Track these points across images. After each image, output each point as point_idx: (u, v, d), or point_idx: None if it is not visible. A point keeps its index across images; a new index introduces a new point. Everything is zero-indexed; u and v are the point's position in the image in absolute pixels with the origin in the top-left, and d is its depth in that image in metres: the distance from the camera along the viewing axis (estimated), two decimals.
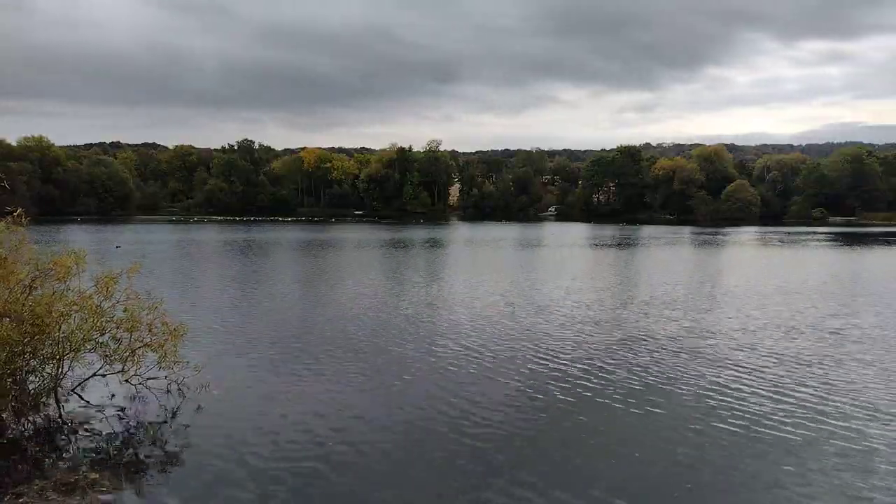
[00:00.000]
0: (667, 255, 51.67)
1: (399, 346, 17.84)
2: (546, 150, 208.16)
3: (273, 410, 12.46)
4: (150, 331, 12.52)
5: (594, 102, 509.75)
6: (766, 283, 32.57)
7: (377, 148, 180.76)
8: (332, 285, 30.53)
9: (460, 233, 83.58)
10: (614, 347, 18.02)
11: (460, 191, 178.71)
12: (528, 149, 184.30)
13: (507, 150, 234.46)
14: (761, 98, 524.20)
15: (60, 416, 11.94)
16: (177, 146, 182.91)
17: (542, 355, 16.97)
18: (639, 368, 15.75)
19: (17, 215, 12.39)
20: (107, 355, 12.33)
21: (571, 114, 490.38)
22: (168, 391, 12.89)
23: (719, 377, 15.05)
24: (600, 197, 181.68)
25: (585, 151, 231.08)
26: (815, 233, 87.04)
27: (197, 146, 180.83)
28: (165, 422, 11.79)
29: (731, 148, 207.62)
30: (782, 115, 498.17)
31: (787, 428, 11.74)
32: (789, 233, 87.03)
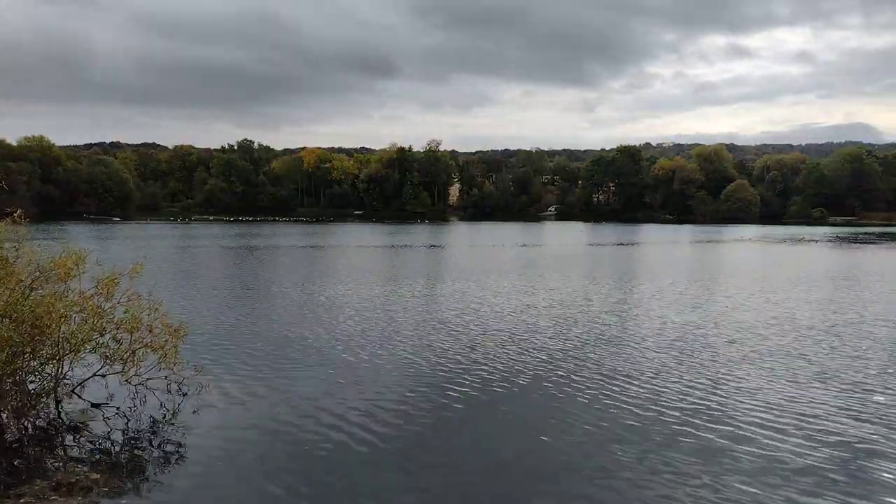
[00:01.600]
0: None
1: (401, 346, 17.85)
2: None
3: (273, 410, 12.47)
4: (150, 331, 12.52)
5: (534, 101, 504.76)
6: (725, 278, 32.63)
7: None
8: (332, 285, 30.53)
9: (480, 237, 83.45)
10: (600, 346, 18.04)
11: (460, 191, 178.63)
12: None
13: (507, 149, 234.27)
14: (695, 97, 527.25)
15: (60, 416, 11.95)
16: (176, 146, 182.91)
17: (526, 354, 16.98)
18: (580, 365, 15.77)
19: (18, 215, 12.39)
20: (107, 356, 12.33)
21: (521, 112, 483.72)
22: (168, 391, 12.90)
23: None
24: (600, 197, 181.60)
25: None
26: (787, 237, 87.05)
27: (197, 146, 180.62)
28: (165, 422, 11.80)
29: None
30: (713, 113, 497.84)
31: (711, 424, 11.75)
32: (764, 236, 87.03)
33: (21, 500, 8.62)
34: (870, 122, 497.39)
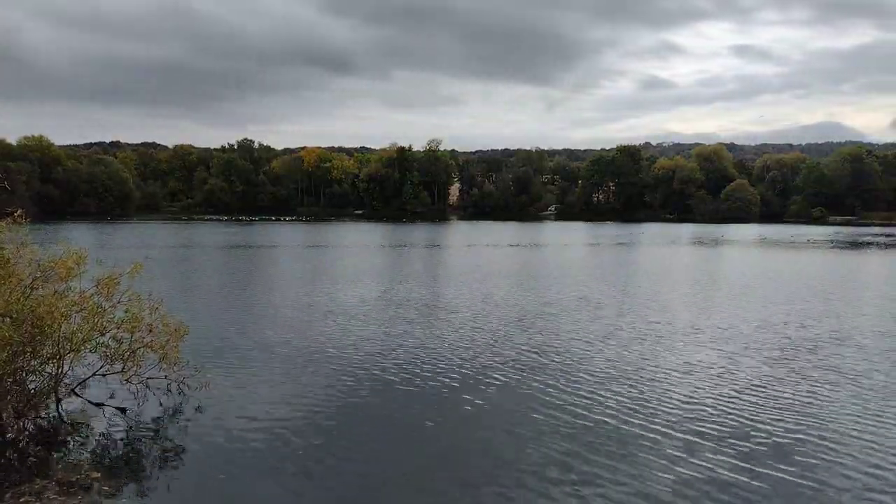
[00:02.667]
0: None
1: (402, 346, 17.85)
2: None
3: (273, 410, 12.48)
4: (150, 331, 12.52)
5: (496, 98, 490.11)
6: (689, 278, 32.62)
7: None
8: (331, 284, 30.53)
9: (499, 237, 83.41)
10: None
11: (460, 190, 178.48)
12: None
13: (507, 149, 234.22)
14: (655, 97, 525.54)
15: (60, 416, 11.96)
16: (176, 146, 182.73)
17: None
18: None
19: (18, 215, 12.39)
20: (107, 355, 12.32)
21: (486, 110, 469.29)
22: (168, 391, 12.90)
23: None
24: (600, 196, 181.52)
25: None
26: (794, 237, 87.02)
27: (197, 146, 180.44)
28: (165, 422, 11.81)
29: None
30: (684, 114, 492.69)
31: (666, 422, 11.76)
32: (766, 237, 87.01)
33: (21, 499, 8.63)
34: (846, 121, 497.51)
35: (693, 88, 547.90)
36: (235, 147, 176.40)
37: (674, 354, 17.28)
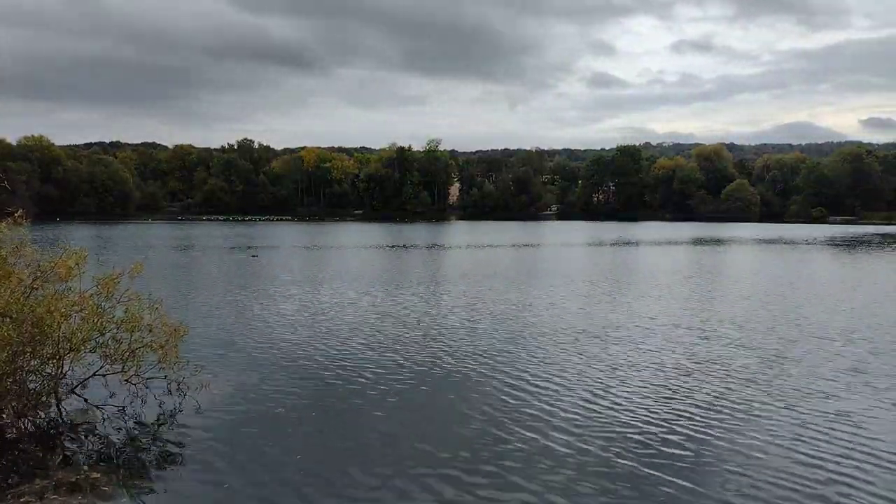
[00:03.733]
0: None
1: (405, 346, 17.86)
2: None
3: (273, 410, 12.48)
4: (150, 331, 12.52)
5: (453, 96, 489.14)
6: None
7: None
8: (331, 284, 30.56)
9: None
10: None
11: (460, 190, 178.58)
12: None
13: (506, 149, 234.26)
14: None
15: (60, 416, 11.96)
16: (176, 146, 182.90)
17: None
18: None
19: (18, 215, 12.40)
20: (107, 355, 12.32)
21: (450, 108, 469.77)
22: (168, 391, 12.90)
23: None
24: (600, 196, 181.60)
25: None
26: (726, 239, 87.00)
27: (196, 146, 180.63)
28: (165, 422, 11.80)
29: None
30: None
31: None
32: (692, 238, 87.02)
33: (21, 500, 8.63)
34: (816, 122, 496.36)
35: (648, 87, 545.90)
36: (235, 147, 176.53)
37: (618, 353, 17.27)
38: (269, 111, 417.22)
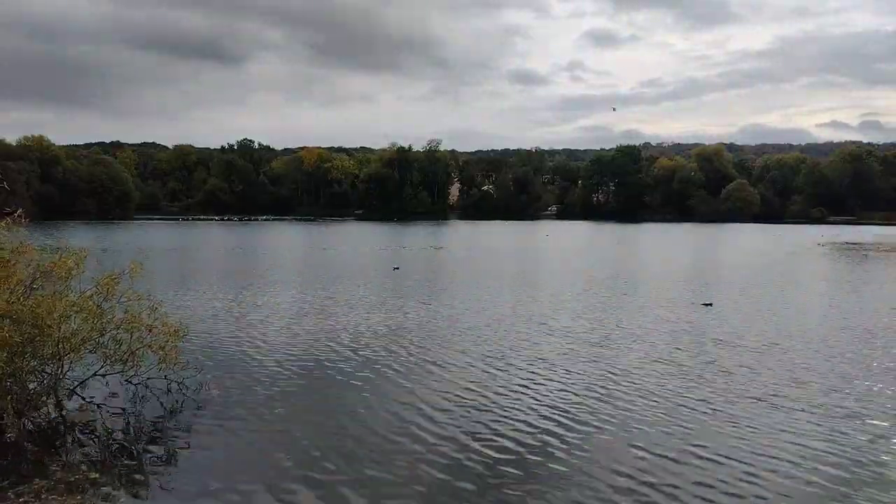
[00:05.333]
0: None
1: (401, 344, 17.86)
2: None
3: (273, 410, 12.48)
4: (150, 331, 12.52)
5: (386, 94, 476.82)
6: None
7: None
8: (332, 284, 30.56)
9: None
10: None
11: (460, 190, 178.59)
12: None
13: (506, 149, 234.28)
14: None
15: (60, 416, 11.97)
16: (176, 146, 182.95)
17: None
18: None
19: (18, 215, 12.40)
20: (107, 355, 12.33)
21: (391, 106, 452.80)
22: (168, 391, 12.90)
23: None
24: (600, 196, 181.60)
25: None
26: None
27: (197, 146, 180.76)
28: (165, 422, 11.81)
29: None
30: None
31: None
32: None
33: (20, 500, 8.64)
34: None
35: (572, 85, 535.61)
36: (235, 147, 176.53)
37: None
38: (192, 107, 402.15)
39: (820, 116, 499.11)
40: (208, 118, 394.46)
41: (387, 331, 19.93)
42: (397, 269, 38.30)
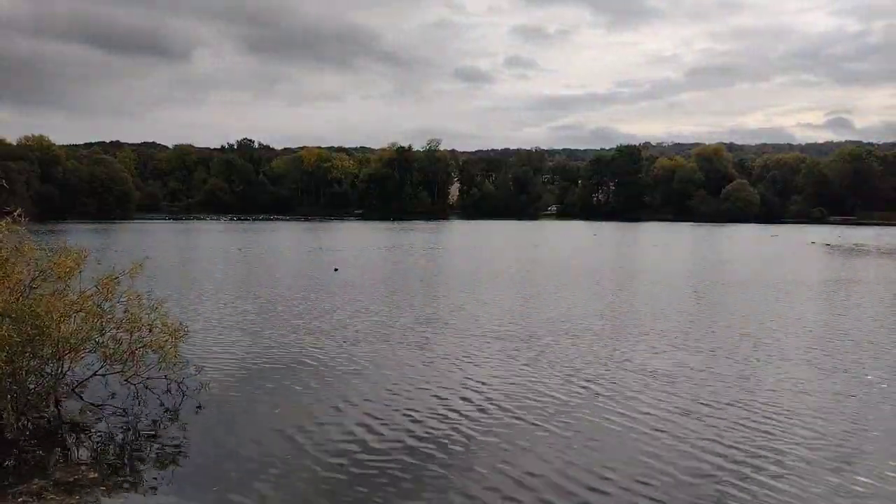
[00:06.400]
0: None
1: (402, 344, 17.86)
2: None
3: (273, 410, 12.47)
4: (150, 331, 12.51)
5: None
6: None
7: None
8: (332, 284, 30.56)
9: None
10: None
11: (460, 190, 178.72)
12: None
13: (506, 149, 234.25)
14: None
15: (60, 416, 11.95)
16: (176, 146, 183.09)
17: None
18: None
19: (18, 215, 12.39)
20: (107, 355, 12.31)
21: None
22: (168, 391, 12.88)
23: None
24: (600, 196, 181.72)
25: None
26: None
27: (197, 145, 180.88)
28: (165, 422, 11.79)
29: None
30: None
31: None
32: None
33: (20, 500, 8.62)
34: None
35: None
36: (235, 147, 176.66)
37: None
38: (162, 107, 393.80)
39: (796, 117, 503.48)
40: (158, 117, 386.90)
41: (393, 331, 19.92)
42: (337, 270, 36.95)
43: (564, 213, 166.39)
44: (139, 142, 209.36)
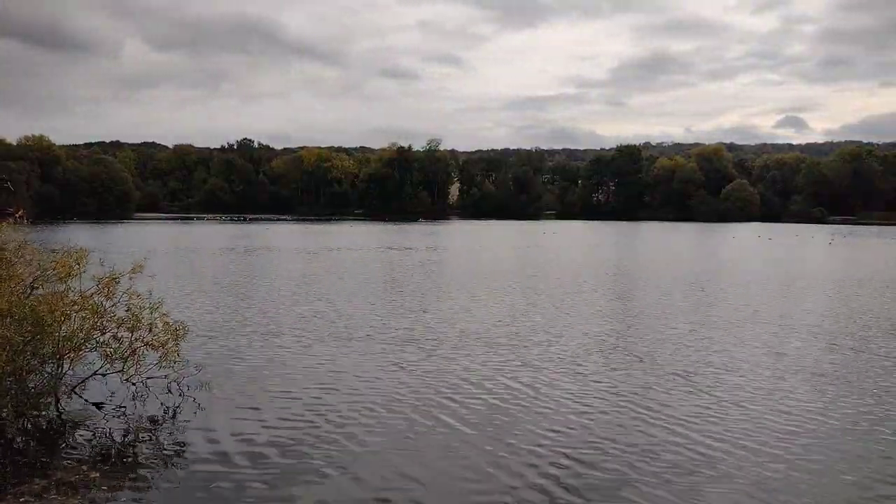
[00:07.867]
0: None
1: (409, 344, 17.86)
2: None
3: (274, 410, 12.47)
4: (150, 330, 12.51)
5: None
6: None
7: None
8: (332, 284, 30.56)
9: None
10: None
11: (460, 190, 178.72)
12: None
13: (507, 149, 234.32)
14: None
15: (60, 415, 11.95)
16: (176, 145, 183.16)
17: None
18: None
19: (19, 215, 12.41)
20: (107, 355, 12.31)
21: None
22: (168, 391, 12.89)
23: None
24: (600, 196, 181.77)
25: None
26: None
27: (197, 145, 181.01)
28: (165, 421, 11.80)
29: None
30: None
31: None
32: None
33: (20, 499, 8.63)
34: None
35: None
36: (235, 147, 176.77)
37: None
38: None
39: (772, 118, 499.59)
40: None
41: (395, 330, 19.93)
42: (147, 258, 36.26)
43: (564, 214, 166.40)
44: (139, 142, 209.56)
